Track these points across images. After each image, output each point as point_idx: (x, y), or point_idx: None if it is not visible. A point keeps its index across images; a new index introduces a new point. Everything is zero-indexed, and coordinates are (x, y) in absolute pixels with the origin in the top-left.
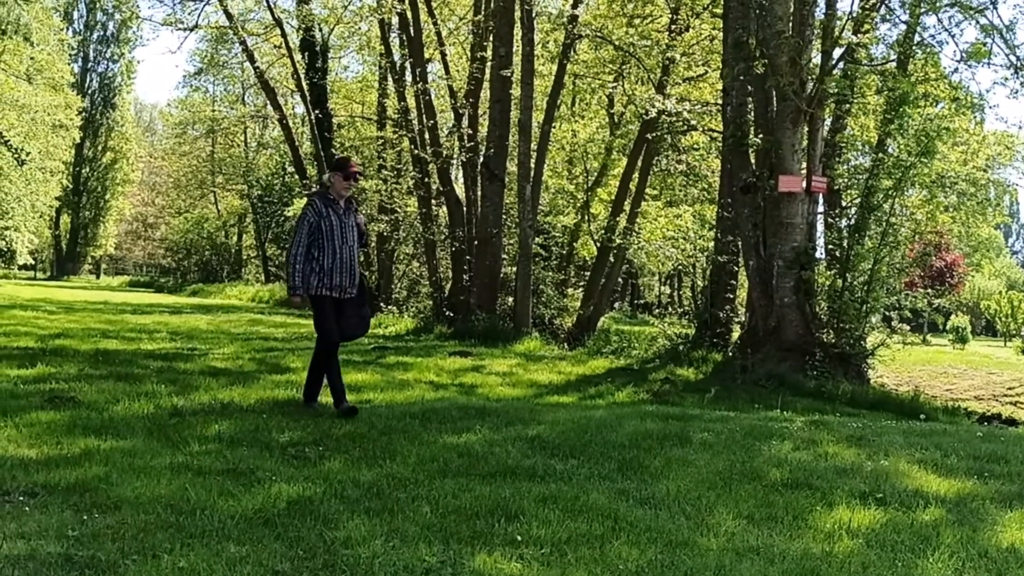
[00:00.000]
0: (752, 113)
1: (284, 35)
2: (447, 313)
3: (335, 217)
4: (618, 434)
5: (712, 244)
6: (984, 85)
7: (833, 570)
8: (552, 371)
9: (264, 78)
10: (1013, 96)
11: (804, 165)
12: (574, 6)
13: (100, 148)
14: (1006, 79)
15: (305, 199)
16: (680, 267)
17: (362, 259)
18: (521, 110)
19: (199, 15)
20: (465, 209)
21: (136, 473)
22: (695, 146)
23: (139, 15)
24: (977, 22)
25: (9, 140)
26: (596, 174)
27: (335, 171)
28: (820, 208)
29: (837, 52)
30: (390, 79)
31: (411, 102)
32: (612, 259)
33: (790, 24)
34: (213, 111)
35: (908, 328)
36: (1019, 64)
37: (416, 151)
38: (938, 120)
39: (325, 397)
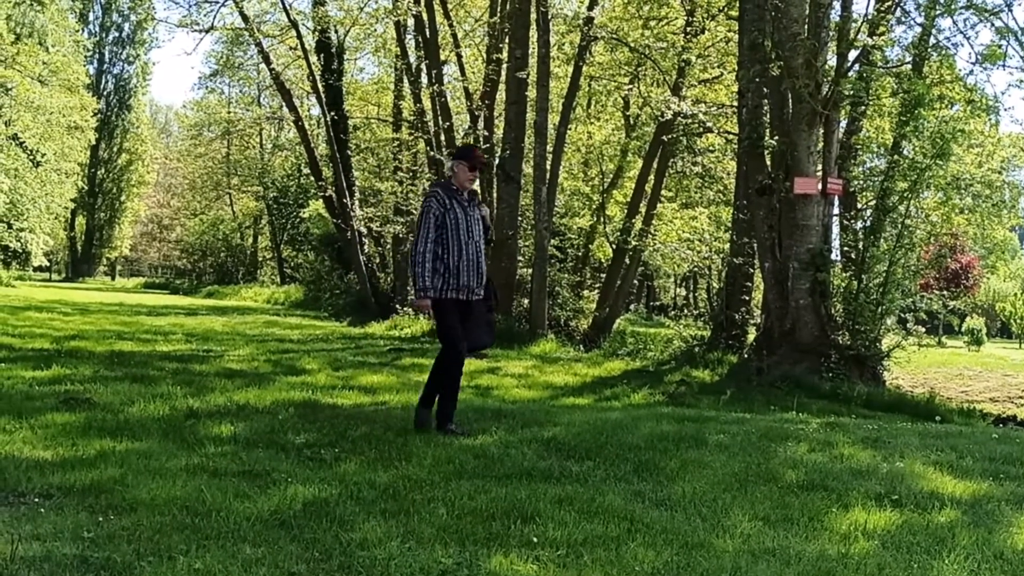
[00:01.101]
0: (768, 115)
1: (300, 37)
2: None
3: (460, 210)
4: (634, 436)
5: (728, 246)
6: (999, 87)
7: (849, 571)
8: (568, 373)
9: (280, 80)
10: None
11: (819, 167)
12: (590, 8)
13: (115, 150)
14: (1021, 81)
15: (428, 190)
16: (696, 269)
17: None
18: (537, 112)
19: (215, 17)
20: None
21: (151, 475)
22: (711, 148)
23: (155, 17)
24: (992, 24)
25: (24, 142)
26: (612, 176)
27: (459, 160)
28: (835, 210)
29: (852, 54)
30: (406, 81)
31: (427, 104)
32: (628, 261)
33: (805, 26)
34: (229, 113)
35: (923, 330)
36: None
37: (432, 153)
38: (953, 122)
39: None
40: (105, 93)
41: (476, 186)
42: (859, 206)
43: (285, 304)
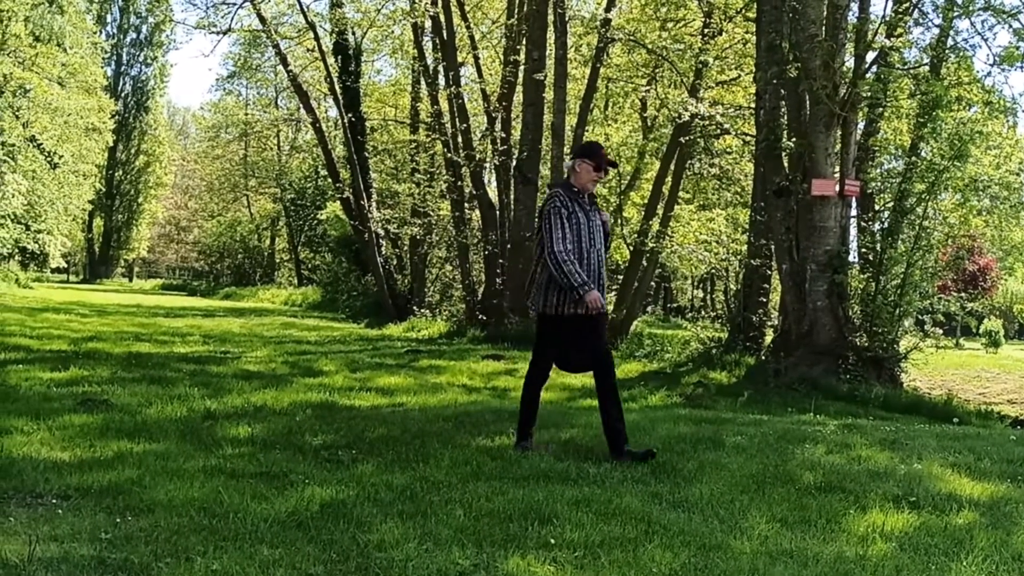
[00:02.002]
0: (785, 117)
1: (317, 39)
2: (480, 316)
3: (582, 214)
4: (651, 437)
5: (745, 248)
6: (1017, 89)
7: (867, 573)
8: (585, 375)
9: (297, 81)
10: None
11: (837, 169)
12: (607, 10)
13: (133, 151)
14: None
15: (548, 193)
16: (713, 271)
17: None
18: (554, 113)
19: (232, 18)
20: (498, 213)
21: (169, 476)
22: (728, 150)
23: (172, 18)
24: (1010, 26)
25: (42, 143)
26: (629, 178)
27: (582, 158)
28: (853, 212)
29: (870, 56)
30: (423, 83)
31: (444, 106)
32: (645, 262)
33: (823, 28)
34: (246, 114)
35: (941, 332)
36: None
37: (449, 155)
38: (971, 124)
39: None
40: (123, 95)
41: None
42: (877, 208)
43: (302, 306)
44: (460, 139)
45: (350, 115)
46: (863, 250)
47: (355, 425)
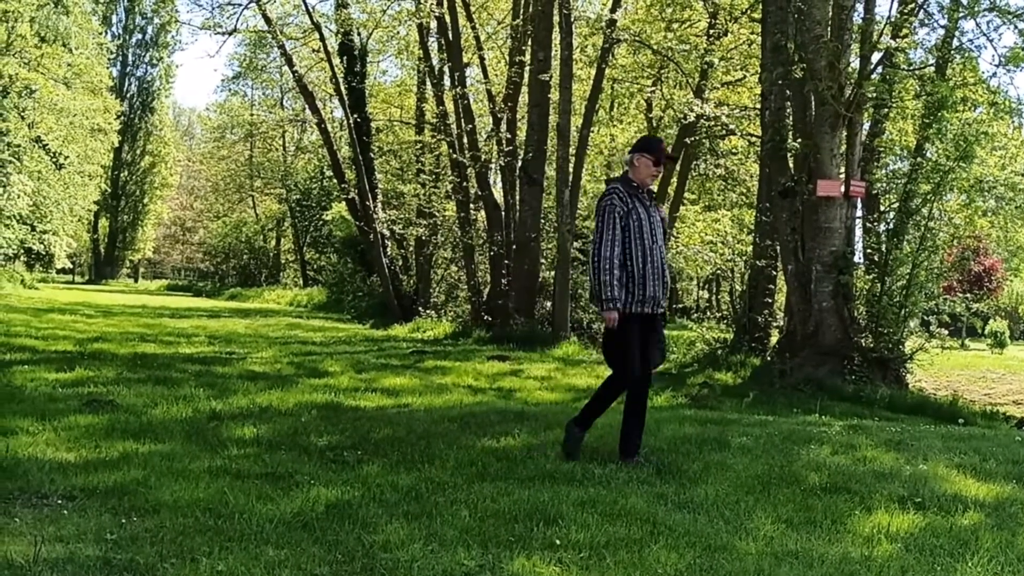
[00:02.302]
0: (790, 117)
1: (323, 39)
2: (485, 317)
3: (643, 210)
4: (656, 438)
5: (750, 248)
6: (1023, 90)
7: (872, 574)
8: (590, 375)
9: (302, 82)
10: None
11: (842, 169)
12: (612, 10)
13: (138, 152)
14: None
15: (606, 188)
16: (718, 271)
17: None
18: (559, 114)
19: (238, 19)
20: (503, 213)
21: (174, 477)
22: (733, 150)
23: (178, 19)
24: (1015, 27)
25: (48, 144)
26: None
27: (641, 152)
28: (858, 212)
29: (875, 56)
30: (428, 83)
31: (449, 106)
32: None
33: (828, 28)
34: (251, 115)
35: (946, 332)
36: None
37: (454, 155)
38: (976, 125)
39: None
40: (128, 96)
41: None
42: (882, 208)
43: (308, 306)
44: (465, 140)
45: (355, 116)
46: (868, 251)
47: (360, 426)
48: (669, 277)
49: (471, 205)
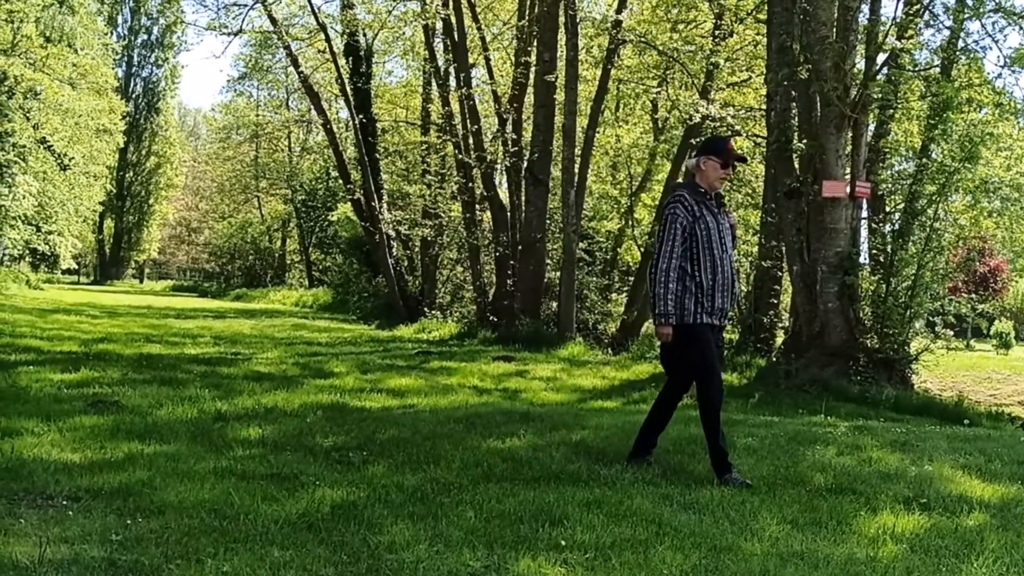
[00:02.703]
0: (796, 118)
1: (328, 40)
2: (491, 318)
3: (711, 217)
4: (662, 439)
5: (756, 249)
6: None
7: (877, 575)
8: (596, 376)
9: (308, 83)
10: None
11: (848, 170)
12: (618, 11)
13: (144, 152)
14: None
15: (671, 195)
16: None
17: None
18: (565, 115)
19: (243, 20)
20: (509, 214)
21: (180, 477)
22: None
23: (183, 20)
24: (1020, 28)
25: (52, 145)
26: (640, 179)
27: (708, 155)
28: (864, 213)
29: (881, 57)
30: (434, 84)
31: (455, 107)
32: None
33: (834, 29)
34: (257, 116)
35: (952, 333)
36: None
37: (460, 156)
38: (982, 126)
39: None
40: (134, 96)
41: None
42: (887, 209)
43: (313, 307)
44: (471, 140)
45: (361, 116)
46: (874, 252)
47: (366, 427)
48: (738, 284)
49: (477, 206)
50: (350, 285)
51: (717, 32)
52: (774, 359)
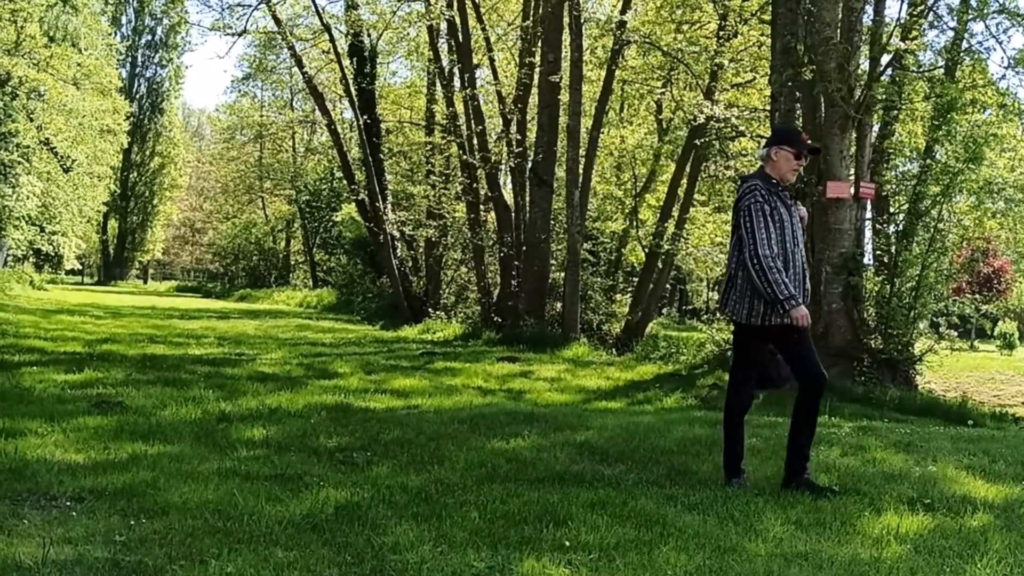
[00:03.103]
0: (800, 119)
1: (333, 40)
2: (495, 319)
3: (784, 209)
4: (666, 440)
5: None
6: None
7: (881, 575)
8: (600, 377)
9: (312, 83)
10: None
11: (852, 171)
12: (622, 12)
13: (148, 153)
14: None
15: (744, 185)
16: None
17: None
18: (570, 116)
19: (247, 20)
20: (513, 215)
21: (183, 478)
22: (743, 152)
23: (187, 20)
24: None
25: (55, 146)
26: (644, 180)
27: (780, 145)
28: (868, 214)
29: (885, 58)
30: (438, 85)
31: (459, 107)
32: (660, 265)
33: (838, 30)
34: (261, 116)
35: (956, 334)
36: None
37: (464, 156)
38: (986, 126)
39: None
40: (138, 96)
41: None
42: (892, 210)
43: (318, 308)
44: (475, 141)
45: (365, 117)
46: (878, 252)
47: (370, 427)
48: (809, 282)
49: (481, 206)
50: (354, 286)
51: (721, 33)
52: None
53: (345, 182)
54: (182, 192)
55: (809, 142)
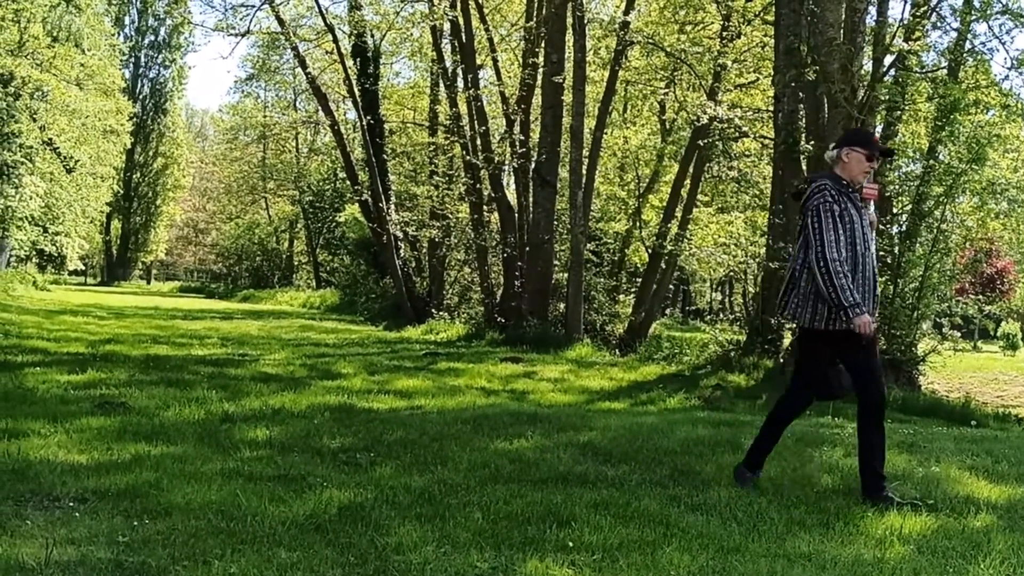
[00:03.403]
0: (803, 120)
1: (336, 41)
2: (498, 319)
3: (855, 212)
4: (669, 440)
5: (763, 250)
6: None
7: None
8: (603, 377)
9: (315, 84)
10: None
11: None
12: (626, 13)
13: (151, 153)
14: None
15: (813, 186)
16: (731, 273)
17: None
18: (573, 116)
19: (251, 21)
20: (517, 215)
21: (187, 479)
22: (746, 153)
23: (191, 20)
24: None
25: (58, 147)
26: (648, 180)
27: (852, 146)
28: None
29: (888, 59)
30: (442, 85)
31: (463, 108)
32: (663, 265)
33: (841, 31)
34: (264, 116)
35: (959, 335)
36: None
37: (468, 157)
38: (989, 127)
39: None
40: (141, 97)
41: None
42: (895, 211)
43: (321, 308)
44: (479, 142)
45: (369, 117)
46: (881, 253)
47: (373, 428)
48: (879, 288)
49: (484, 207)
50: (357, 286)
51: (725, 34)
52: (781, 360)
53: (348, 183)
54: (185, 192)
55: (882, 145)
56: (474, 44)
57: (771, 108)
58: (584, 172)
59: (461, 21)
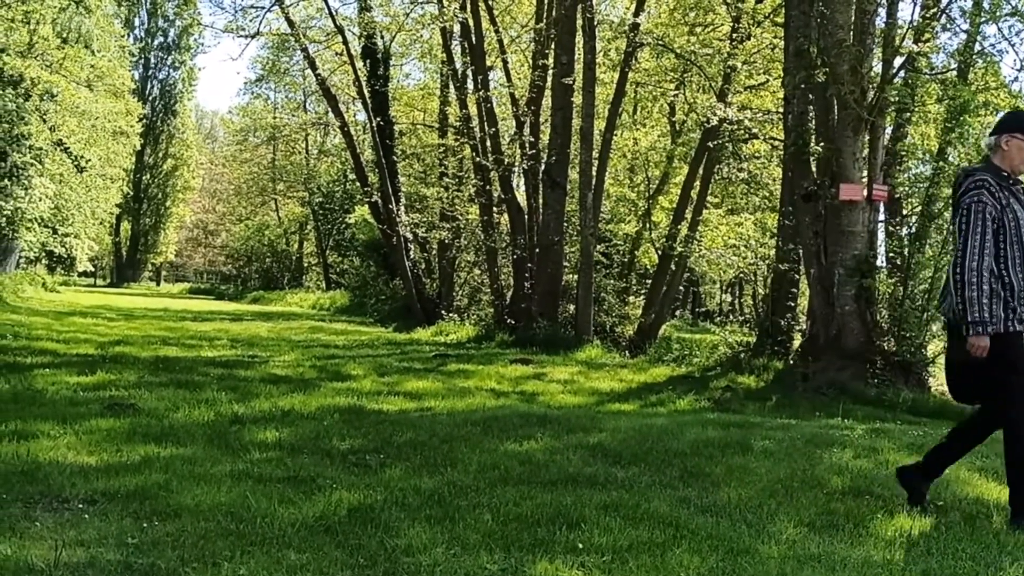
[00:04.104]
0: (813, 121)
1: (346, 42)
2: (508, 321)
3: (1019, 205)
4: (679, 442)
5: (773, 252)
6: None
7: None
8: (613, 379)
9: (325, 85)
10: None
11: (865, 173)
12: (636, 14)
13: (161, 155)
14: None
15: (969, 179)
16: (741, 275)
17: None
18: (583, 118)
19: (260, 22)
20: (527, 217)
21: (196, 480)
22: (756, 154)
23: (200, 22)
24: None
25: (69, 147)
26: (657, 182)
27: (1013, 132)
28: (881, 216)
29: (898, 61)
30: (452, 87)
31: (473, 110)
32: (673, 267)
33: (851, 33)
34: (274, 118)
35: None
36: None
37: (478, 159)
38: None
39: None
40: (151, 98)
41: None
42: (904, 212)
43: (331, 310)
44: (489, 143)
45: (378, 119)
46: (891, 255)
47: (383, 429)
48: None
49: (494, 208)
50: (367, 288)
51: (734, 35)
52: (791, 362)
53: (358, 184)
54: (195, 194)
55: None
56: (484, 46)
57: (781, 110)
58: (594, 173)
59: (471, 22)
